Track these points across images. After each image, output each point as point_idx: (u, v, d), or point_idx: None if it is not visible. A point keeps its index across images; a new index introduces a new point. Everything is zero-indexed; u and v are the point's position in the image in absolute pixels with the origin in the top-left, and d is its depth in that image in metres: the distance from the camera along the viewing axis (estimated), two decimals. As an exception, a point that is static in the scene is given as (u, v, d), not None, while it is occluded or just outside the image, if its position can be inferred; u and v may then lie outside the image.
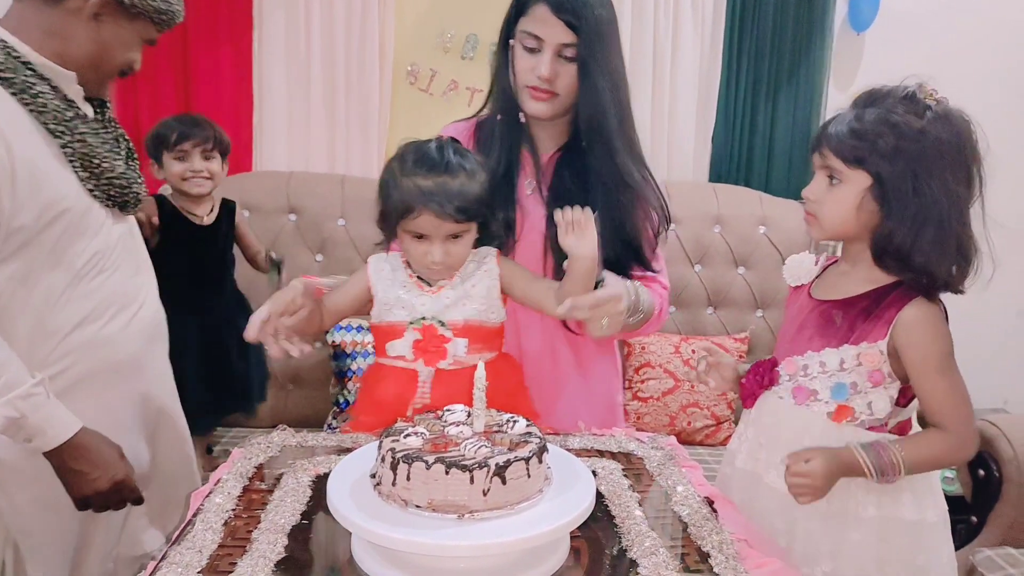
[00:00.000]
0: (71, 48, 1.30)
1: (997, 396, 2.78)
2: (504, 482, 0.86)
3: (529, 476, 0.88)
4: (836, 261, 1.28)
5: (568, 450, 1.15)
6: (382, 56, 2.53)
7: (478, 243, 1.24)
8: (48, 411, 1.21)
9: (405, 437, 0.91)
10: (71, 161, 1.28)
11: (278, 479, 1.11)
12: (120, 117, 2.11)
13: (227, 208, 2.05)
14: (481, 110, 1.43)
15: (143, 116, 2.46)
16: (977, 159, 1.13)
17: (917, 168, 1.10)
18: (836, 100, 2.71)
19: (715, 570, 0.90)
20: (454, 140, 1.23)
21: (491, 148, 1.35)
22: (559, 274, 1.27)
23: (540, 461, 0.91)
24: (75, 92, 1.32)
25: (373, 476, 0.93)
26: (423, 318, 1.20)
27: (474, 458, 0.86)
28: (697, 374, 1.34)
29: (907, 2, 2.68)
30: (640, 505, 1.04)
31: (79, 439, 1.24)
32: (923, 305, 1.14)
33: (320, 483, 1.07)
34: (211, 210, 2.00)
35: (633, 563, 0.91)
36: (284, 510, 1.01)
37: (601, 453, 1.23)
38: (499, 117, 1.35)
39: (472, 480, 0.85)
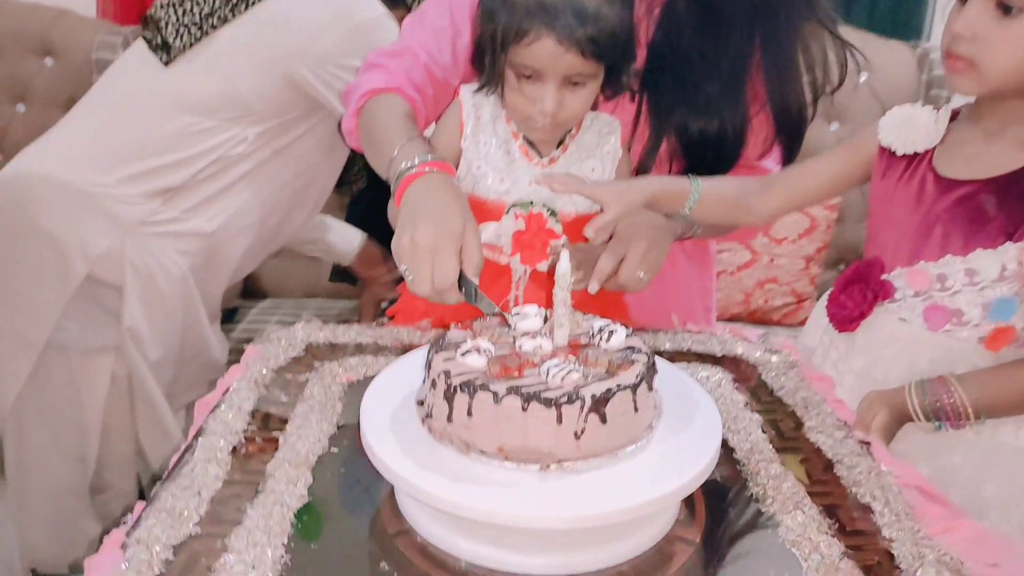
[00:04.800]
0: None
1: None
2: (604, 420, 0.61)
3: (637, 410, 0.64)
4: (956, 117, 0.94)
5: (659, 353, 0.90)
6: None
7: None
8: None
9: (463, 355, 0.66)
10: None
11: (301, 387, 0.89)
12: None
13: None
14: None
15: None
16: None
17: None
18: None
19: (884, 532, 0.66)
20: None
21: None
22: (653, 149, 1.02)
23: (650, 388, 0.66)
24: None
25: (421, 403, 0.69)
26: (531, 203, 0.92)
27: (561, 387, 0.62)
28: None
29: None
30: (764, 433, 0.80)
31: None
32: None
33: (354, 393, 0.85)
34: None
35: (769, 520, 0.68)
36: (308, 434, 0.79)
37: (701, 357, 0.98)
38: None
39: (560, 419, 0.60)
